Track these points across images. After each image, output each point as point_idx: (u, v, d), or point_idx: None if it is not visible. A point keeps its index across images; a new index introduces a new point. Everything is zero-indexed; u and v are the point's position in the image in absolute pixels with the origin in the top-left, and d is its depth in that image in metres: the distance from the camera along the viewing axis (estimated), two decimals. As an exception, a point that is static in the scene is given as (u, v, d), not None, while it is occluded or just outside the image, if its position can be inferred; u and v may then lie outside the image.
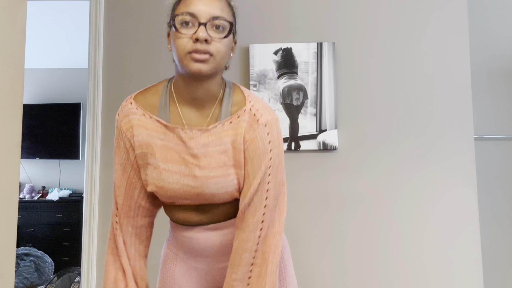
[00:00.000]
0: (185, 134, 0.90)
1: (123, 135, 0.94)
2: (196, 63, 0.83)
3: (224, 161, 0.90)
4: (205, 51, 0.82)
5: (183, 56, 0.83)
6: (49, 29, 3.66)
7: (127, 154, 0.94)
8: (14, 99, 0.90)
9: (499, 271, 2.43)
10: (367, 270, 1.83)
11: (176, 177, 0.90)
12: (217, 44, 0.84)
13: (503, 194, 2.47)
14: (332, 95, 1.87)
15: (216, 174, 0.89)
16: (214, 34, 0.83)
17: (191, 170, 0.90)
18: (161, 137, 0.91)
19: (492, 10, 2.57)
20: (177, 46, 0.84)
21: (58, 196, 4.21)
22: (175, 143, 0.90)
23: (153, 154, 0.90)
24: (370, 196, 1.86)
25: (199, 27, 0.82)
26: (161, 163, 0.90)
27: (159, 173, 0.90)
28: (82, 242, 1.89)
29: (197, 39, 0.81)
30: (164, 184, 0.90)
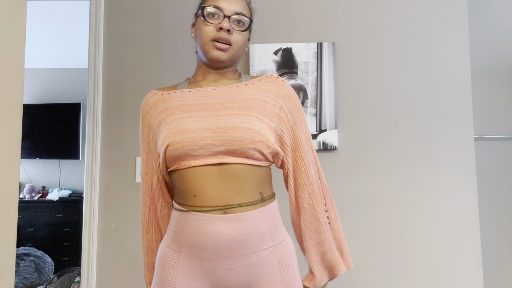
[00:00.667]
0: (206, 91, 0.99)
1: (145, 120, 1.04)
2: (217, 50, 0.96)
3: (247, 106, 0.95)
4: (227, 40, 0.96)
5: (206, 42, 0.97)
6: (49, 29, 3.66)
7: (148, 139, 1.04)
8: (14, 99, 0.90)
9: (499, 271, 2.43)
10: (367, 270, 1.83)
11: (197, 119, 0.93)
12: (237, 35, 0.98)
13: (503, 194, 2.47)
14: (332, 95, 1.87)
15: (239, 112, 0.93)
16: (235, 26, 0.97)
17: (213, 112, 0.94)
18: (178, 100, 0.99)
19: (492, 10, 2.57)
20: (203, 32, 0.97)
21: (58, 196, 4.21)
22: (193, 100, 0.98)
23: (171, 113, 0.97)
24: (370, 196, 1.86)
25: (224, 18, 0.96)
26: (179, 115, 0.95)
27: (178, 122, 0.94)
28: (82, 242, 1.89)
29: (221, 28, 0.95)
30: (184, 126, 0.92)
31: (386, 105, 1.90)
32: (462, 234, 1.83)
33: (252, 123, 0.91)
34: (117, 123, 1.93)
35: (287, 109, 1.01)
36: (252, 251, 0.91)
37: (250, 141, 0.90)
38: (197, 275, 0.92)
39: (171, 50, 1.96)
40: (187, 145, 0.90)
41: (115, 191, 1.90)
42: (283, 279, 0.94)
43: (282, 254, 0.95)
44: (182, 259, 0.93)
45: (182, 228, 0.93)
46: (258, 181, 0.94)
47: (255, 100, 0.97)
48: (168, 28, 1.97)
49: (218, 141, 0.90)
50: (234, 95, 0.97)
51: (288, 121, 1.00)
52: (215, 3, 0.97)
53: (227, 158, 0.91)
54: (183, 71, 1.93)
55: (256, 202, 0.93)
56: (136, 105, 1.93)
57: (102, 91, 1.95)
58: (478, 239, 1.82)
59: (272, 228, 0.95)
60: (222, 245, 0.89)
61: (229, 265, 0.91)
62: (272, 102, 0.98)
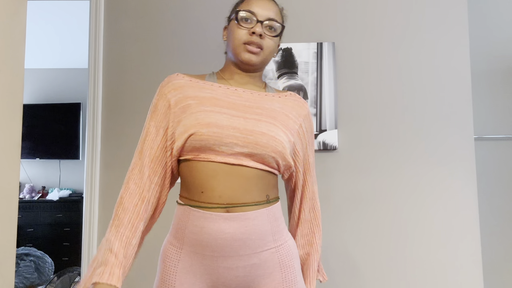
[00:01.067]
0: (236, 91, 1.01)
1: (164, 98, 1.00)
2: (248, 53, 0.98)
3: (274, 116, 0.99)
4: (258, 45, 0.98)
5: (238, 45, 0.99)
6: (49, 29, 3.66)
7: (164, 116, 0.99)
8: (14, 99, 0.90)
9: (499, 271, 2.43)
10: (367, 270, 1.83)
11: (226, 116, 0.94)
12: (269, 40, 1.00)
13: (503, 194, 2.47)
14: (332, 95, 1.87)
15: (267, 120, 0.97)
16: (267, 32, 1.00)
17: (242, 113, 0.96)
18: (208, 92, 0.99)
19: (492, 10, 2.57)
20: (235, 35, 0.99)
21: (58, 196, 4.21)
22: (224, 96, 0.99)
23: (199, 103, 0.96)
24: (370, 196, 1.86)
25: (257, 23, 0.98)
26: (209, 107, 0.95)
27: (207, 114, 0.94)
28: (82, 242, 1.89)
29: (254, 33, 0.97)
30: (212, 120, 0.93)
31: (386, 105, 1.90)
32: (462, 233, 1.83)
33: (277, 133, 0.96)
34: (117, 123, 1.93)
35: (305, 129, 1.07)
36: (253, 251, 0.92)
37: (272, 149, 0.94)
38: (197, 272, 0.93)
39: (171, 50, 1.96)
40: (211, 139, 0.91)
41: (115, 191, 1.90)
42: (283, 280, 0.95)
43: (283, 256, 0.97)
44: (184, 256, 0.94)
45: (185, 224, 0.94)
46: (266, 185, 0.97)
47: (281, 113, 1.01)
48: (168, 28, 1.97)
49: (243, 142, 0.92)
50: (262, 102, 1.01)
51: (304, 139, 1.07)
52: (249, 8, 1.00)
53: (246, 160, 0.93)
54: (184, 71, 1.93)
55: (260, 203, 0.95)
56: (136, 105, 1.93)
57: (102, 91, 1.95)
58: (478, 239, 1.82)
59: (274, 230, 0.96)
60: (223, 244, 0.90)
61: (230, 264, 0.91)
62: (294, 119, 1.04)
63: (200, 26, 1.96)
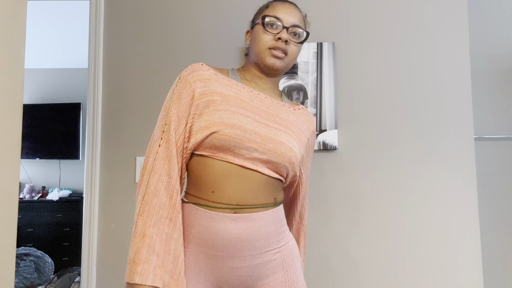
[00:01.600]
0: (258, 95, 1.02)
1: (188, 86, 0.96)
2: (273, 58, 1.00)
3: (290, 128, 1.02)
4: (284, 50, 1.00)
5: (263, 49, 1.01)
6: (49, 29, 3.66)
7: (188, 106, 0.95)
8: (14, 99, 0.90)
9: (499, 271, 2.42)
10: (367, 270, 1.83)
11: (250, 120, 0.95)
12: (293, 46, 1.02)
13: (503, 194, 2.47)
14: (332, 95, 1.87)
15: (286, 131, 1.00)
16: (292, 38, 1.02)
17: (264, 120, 0.98)
18: (233, 90, 0.99)
19: (492, 10, 2.57)
20: (261, 40, 1.01)
21: (58, 196, 4.21)
22: (248, 98, 1.00)
23: (225, 101, 0.95)
24: (370, 196, 1.86)
25: (283, 29, 1.00)
26: (234, 108, 0.95)
27: (232, 114, 0.93)
28: (82, 242, 1.89)
29: (279, 38, 0.99)
30: (237, 122, 0.93)
31: (386, 105, 1.90)
32: (462, 233, 1.83)
33: (294, 145, 0.99)
34: (117, 123, 1.93)
35: (311, 143, 1.13)
36: (258, 252, 0.94)
37: (288, 160, 0.97)
38: (202, 270, 0.94)
39: (171, 50, 1.96)
40: (233, 141, 0.91)
41: (115, 191, 1.90)
42: (285, 279, 0.97)
43: (286, 256, 0.99)
44: (189, 254, 0.94)
45: (192, 223, 0.94)
46: (274, 189, 0.99)
47: (295, 126, 1.04)
48: (168, 28, 1.97)
49: (263, 149, 0.94)
50: (280, 112, 1.03)
51: (309, 152, 1.14)
52: (275, 14, 1.01)
53: (261, 166, 0.95)
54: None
55: (267, 205, 0.97)
56: (136, 105, 1.93)
57: (102, 91, 1.95)
58: (478, 238, 1.82)
59: (278, 231, 0.98)
60: (229, 244, 0.91)
61: (234, 264, 0.92)
62: (305, 133, 1.08)
63: (200, 26, 1.96)
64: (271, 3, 1.06)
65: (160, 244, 0.87)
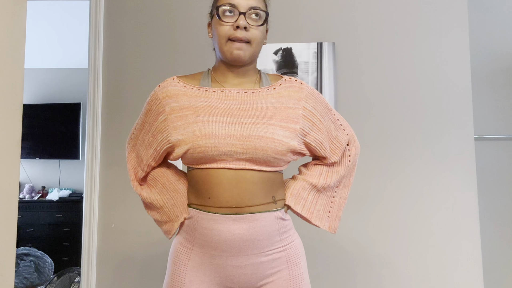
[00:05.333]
0: (230, 93, 0.98)
1: (158, 101, 1.01)
2: (236, 50, 0.95)
3: (270, 115, 0.96)
4: (244, 38, 0.94)
5: (224, 42, 0.96)
6: (49, 29, 3.66)
7: (156, 116, 1.01)
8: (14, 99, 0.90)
9: (499, 271, 2.42)
10: (367, 269, 1.83)
11: (221, 125, 0.94)
12: (254, 31, 0.96)
13: (503, 194, 2.47)
14: (332, 95, 1.87)
15: (263, 121, 0.95)
16: (251, 22, 0.95)
17: (238, 119, 0.94)
18: (202, 100, 0.97)
19: (492, 10, 2.57)
20: (219, 32, 0.96)
21: (58, 196, 4.21)
22: (218, 102, 0.97)
23: (195, 113, 0.96)
24: (370, 196, 1.86)
25: (239, 15, 0.94)
26: (204, 117, 0.95)
27: (203, 125, 0.94)
28: (82, 242, 1.89)
29: (238, 27, 0.93)
30: (209, 131, 0.93)
31: (386, 105, 1.90)
32: (462, 233, 1.82)
33: (275, 132, 0.94)
34: (117, 123, 1.93)
35: (312, 107, 1.03)
36: (261, 251, 0.95)
37: (272, 151, 0.93)
38: (207, 270, 0.96)
39: (171, 50, 1.96)
40: (210, 150, 0.92)
41: (115, 191, 1.90)
42: (290, 278, 0.97)
43: (290, 255, 0.99)
44: (194, 255, 0.97)
45: (195, 227, 0.97)
46: (271, 186, 0.98)
47: (277, 108, 0.98)
48: (168, 28, 1.97)
49: (242, 149, 0.92)
50: (256, 102, 0.98)
51: (315, 117, 1.03)
52: (228, 1, 0.95)
53: (248, 165, 0.94)
54: (183, 71, 1.92)
55: (268, 204, 0.96)
56: (136, 105, 1.93)
57: (102, 91, 1.95)
58: (478, 238, 1.82)
59: (281, 230, 0.99)
60: (233, 244, 0.93)
61: (239, 262, 0.94)
62: (294, 107, 1.00)
63: (199, 26, 1.96)
64: None
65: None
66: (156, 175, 1.07)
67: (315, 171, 1.08)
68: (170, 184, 1.05)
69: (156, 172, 1.07)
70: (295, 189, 1.04)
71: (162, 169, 1.08)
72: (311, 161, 1.12)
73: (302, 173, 1.09)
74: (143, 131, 1.06)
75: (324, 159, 1.08)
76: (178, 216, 1.01)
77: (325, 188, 1.07)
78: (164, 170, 1.08)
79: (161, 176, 1.07)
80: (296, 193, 1.04)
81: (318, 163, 1.10)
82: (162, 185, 1.06)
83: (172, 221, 1.03)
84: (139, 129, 1.08)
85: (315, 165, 1.10)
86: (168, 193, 1.04)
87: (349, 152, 1.11)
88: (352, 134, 1.12)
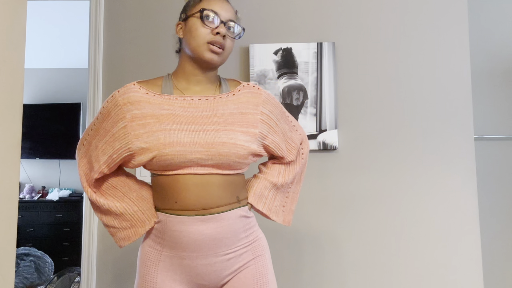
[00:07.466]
0: (192, 101, 1.02)
1: (118, 107, 1.02)
2: (211, 53, 1.01)
3: (231, 121, 1.02)
4: (221, 45, 1.01)
5: (201, 43, 1.00)
6: (49, 29, 3.66)
7: (115, 122, 1.02)
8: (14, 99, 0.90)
9: (499, 271, 2.42)
10: (367, 269, 1.83)
11: (186, 133, 0.97)
12: (229, 41, 1.04)
13: (503, 194, 2.47)
14: (332, 95, 1.87)
15: (225, 128, 1.00)
16: (228, 33, 1.03)
17: (201, 126, 0.99)
18: (165, 108, 1.00)
19: (492, 10, 2.57)
20: (198, 34, 1.00)
21: (58, 196, 4.21)
22: (182, 111, 1.00)
23: (159, 121, 0.98)
24: (370, 196, 1.86)
25: (221, 24, 1.01)
26: (168, 126, 0.97)
27: (168, 133, 0.96)
28: (82, 242, 1.89)
29: (218, 33, 1.00)
30: (174, 139, 0.96)
31: (386, 105, 1.90)
32: (462, 233, 1.83)
33: (237, 138, 1.00)
34: (117, 123, 1.93)
35: (268, 111, 1.09)
36: (229, 248, 1.01)
37: (235, 155, 0.99)
38: (178, 270, 1.01)
39: (171, 50, 1.96)
40: (176, 158, 0.96)
41: (115, 191, 1.90)
42: (256, 267, 1.06)
43: (256, 249, 1.07)
44: (164, 257, 1.01)
45: (164, 230, 1.01)
46: (235, 187, 1.04)
47: (237, 114, 1.04)
48: (167, 28, 1.97)
49: (207, 155, 0.97)
50: (218, 108, 1.02)
51: (271, 120, 1.10)
52: (212, 8, 1.01)
53: (213, 169, 0.99)
54: (183, 71, 1.92)
55: (232, 204, 1.03)
56: (136, 105, 1.92)
57: (102, 91, 1.95)
58: (478, 238, 1.82)
59: (246, 227, 1.06)
60: (202, 244, 0.98)
61: (208, 261, 1.00)
62: (253, 112, 1.06)
63: (200, 26, 1.96)
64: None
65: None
66: (115, 184, 1.08)
67: (275, 170, 1.17)
68: (133, 192, 1.07)
69: (115, 181, 1.08)
70: (258, 189, 1.12)
71: (121, 178, 1.09)
72: (270, 160, 1.20)
73: (263, 172, 1.17)
74: (97, 137, 1.06)
75: (281, 158, 1.16)
76: (145, 221, 1.04)
77: (283, 185, 1.17)
78: (124, 179, 1.09)
79: (121, 185, 1.08)
80: (259, 193, 1.11)
81: (276, 162, 1.19)
82: (123, 193, 1.07)
83: (134, 226, 1.05)
84: (92, 134, 1.07)
85: (273, 164, 1.18)
86: (131, 201, 1.06)
87: (302, 150, 1.22)
88: (304, 134, 1.23)
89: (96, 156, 1.05)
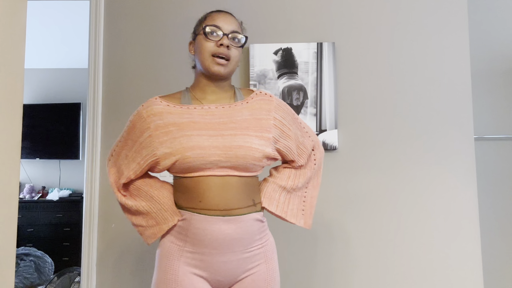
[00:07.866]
0: (209, 109, 1.12)
1: (142, 119, 1.14)
2: (217, 65, 1.10)
3: (246, 127, 1.11)
4: (226, 55, 1.10)
5: (207, 56, 1.10)
6: (49, 29, 3.66)
7: (141, 133, 1.13)
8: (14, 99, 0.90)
9: (499, 271, 2.42)
10: (367, 269, 1.83)
11: (205, 137, 1.07)
12: (234, 50, 1.12)
13: (503, 194, 2.47)
14: (332, 95, 1.87)
15: (241, 133, 1.09)
16: (232, 43, 1.12)
17: (219, 131, 1.08)
18: (185, 117, 1.10)
19: (492, 10, 2.57)
20: (204, 48, 1.11)
21: (58, 196, 4.21)
22: (200, 118, 1.10)
23: (180, 129, 1.08)
24: (370, 196, 1.86)
25: (223, 36, 1.10)
26: (189, 132, 1.07)
27: (189, 138, 1.06)
28: (82, 242, 1.89)
29: (221, 44, 1.09)
30: (195, 143, 1.05)
31: (386, 105, 1.90)
32: (462, 234, 1.83)
33: (253, 142, 1.09)
34: (117, 123, 1.93)
35: (280, 117, 1.18)
36: (245, 248, 1.09)
37: (251, 158, 1.08)
38: (197, 265, 1.08)
39: (171, 50, 1.96)
40: (197, 160, 1.05)
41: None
42: (267, 269, 1.14)
43: (267, 251, 1.16)
44: (185, 252, 1.08)
45: (188, 227, 1.08)
46: (251, 190, 1.13)
47: (252, 120, 1.13)
48: (168, 28, 1.97)
49: (225, 158, 1.06)
50: (234, 115, 1.12)
51: (284, 126, 1.18)
52: (214, 23, 1.11)
53: (231, 171, 1.08)
54: (183, 71, 1.92)
55: (249, 207, 1.11)
56: (136, 105, 1.92)
57: (102, 91, 1.95)
58: (478, 239, 1.82)
59: (260, 230, 1.14)
60: (222, 242, 1.06)
61: (226, 258, 1.07)
62: (266, 117, 1.15)
63: (200, 26, 1.96)
64: (209, 14, 1.16)
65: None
66: (138, 185, 1.18)
67: (284, 174, 1.23)
68: (155, 190, 1.15)
69: (139, 182, 1.18)
70: (267, 192, 1.19)
71: (144, 179, 1.18)
72: (281, 165, 1.27)
73: (272, 176, 1.24)
74: (126, 148, 1.17)
75: (292, 162, 1.23)
76: (168, 218, 1.11)
77: (294, 189, 1.23)
78: (146, 179, 1.18)
79: (144, 185, 1.17)
80: (268, 195, 1.19)
81: (287, 166, 1.26)
82: (146, 192, 1.16)
83: (159, 224, 1.12)
84: (121, 146, 1.19)
85: (284, 168, 1.25)
86: (154, 199, 1.14)
87: (315, 156, 1.28)
88: (316, 141, 1.29)
89: (126, 164, 1.16)
